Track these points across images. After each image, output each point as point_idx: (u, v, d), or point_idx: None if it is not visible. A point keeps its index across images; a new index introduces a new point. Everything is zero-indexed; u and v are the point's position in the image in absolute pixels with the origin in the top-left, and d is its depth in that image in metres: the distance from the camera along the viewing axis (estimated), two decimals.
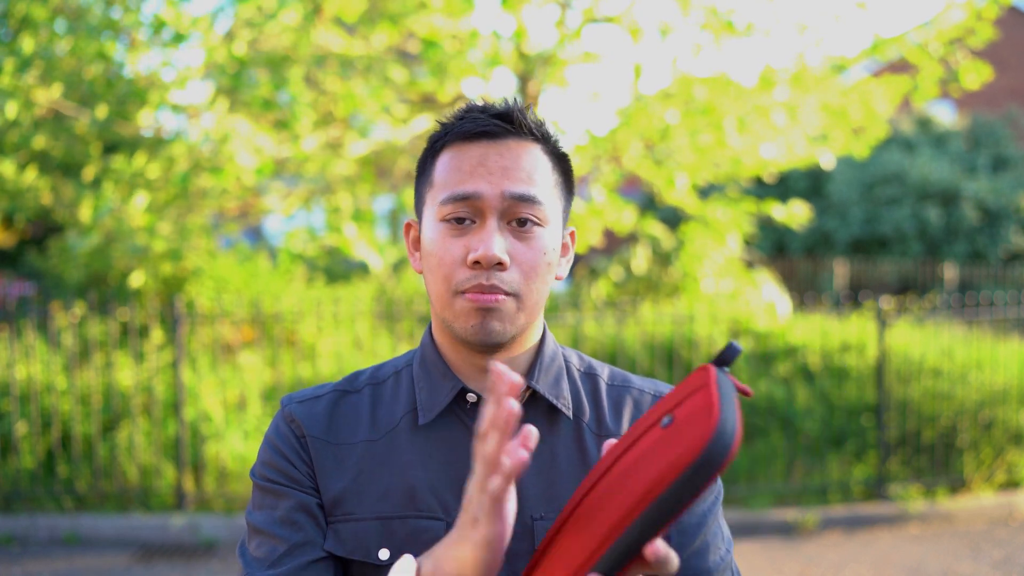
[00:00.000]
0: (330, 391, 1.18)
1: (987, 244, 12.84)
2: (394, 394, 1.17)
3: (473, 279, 1.06)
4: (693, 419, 0.82)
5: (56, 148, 7.12)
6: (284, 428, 1.15)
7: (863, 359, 6.22)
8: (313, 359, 6.31)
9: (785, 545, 5.27)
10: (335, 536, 1.09)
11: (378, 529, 1.08)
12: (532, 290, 1.09)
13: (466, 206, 1.07)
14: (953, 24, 6.77)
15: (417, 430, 1.12)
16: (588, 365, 1.22)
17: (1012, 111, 15.19)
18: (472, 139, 1.10)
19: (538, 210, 1.08)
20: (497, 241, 1.05)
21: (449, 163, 1.10)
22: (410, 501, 1.09)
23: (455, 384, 1.12)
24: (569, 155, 1.18)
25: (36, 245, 12.27)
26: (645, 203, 13.79)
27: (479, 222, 1.07)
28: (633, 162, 7.13)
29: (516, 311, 1.08)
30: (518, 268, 1.07)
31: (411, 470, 1.10)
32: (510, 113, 1.11)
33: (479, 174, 1.07)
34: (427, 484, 1.09)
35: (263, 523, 1.10)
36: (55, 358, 5.80)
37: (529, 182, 1.08)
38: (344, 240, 6.13)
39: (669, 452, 0.81)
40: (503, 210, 1.07)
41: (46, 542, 5.31)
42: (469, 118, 1.11)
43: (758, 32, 6.98)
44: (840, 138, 7.46)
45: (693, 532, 1.11)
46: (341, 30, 6.45)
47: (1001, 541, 5.29)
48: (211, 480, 5.58)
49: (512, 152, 1.09)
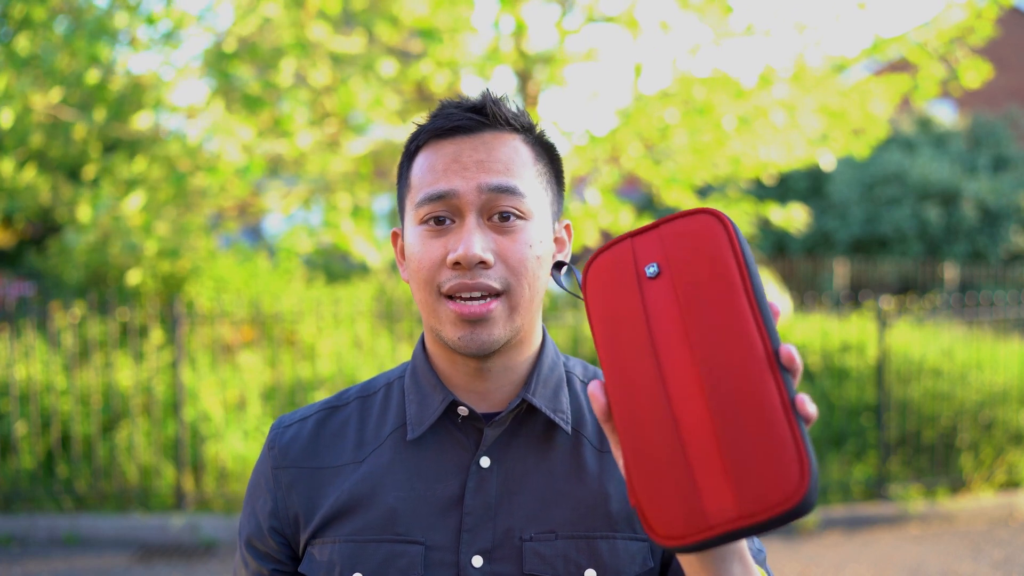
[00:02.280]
0: (318, 411, 1.15)
1: (987, 244, 12.84)
2: (383, 408, 1.12)
3: (455, 279, 1.01)
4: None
5: (54, 149, 7.12)
6: (264, 467, 1.14)
7: (863, 359, 6.22)
8: (313, 359, 6.30)
9: (785, 545, 5.27)
10: (309, 560, 1.07)
11: (352, 552, 1.04)
12: (522, 287, 1.02)
13: (442, 205, 1.02)
14: (953, 23, 6.77)
15: (406, 446, 1.08)
16: (593, 375, 1.15)
17: (1012, 111, 15.19)
18: (445, 136, 1.04)
19: (519, 202, 1.02)
20: (477, 239, 1.00)
21: (424, 163, 1.05)
22: (389, 524, 1.04)
23: (445, 396, 1.07)
24: (556, 145, 1.12)
25: (36, 245, 12.27)
26: (644, 203, 13.79)
27: (458, 221, 1.02)
28: (632, 162, 7.13)
29: (508, 313, 1.03)
30: (504, 264, 1.02)
31: (395, 491, 1.06)
32: (483, 105, 1.05)
33: (453, 171, 1.02)
34: (410, 505, 1.05)
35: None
36: (55, 358, 5.80)
37: (507, 173, 1.02)
38: (342, 236, 6.12)
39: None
40: (481, 205, 1.02)
41: (46, 542, 5.31)
42: (442, 114, 1.06)
43: (758, 32, 6.97)
44: (840, 138, 7.46)
45: None
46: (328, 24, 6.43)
47: (1001, 541, 5.29)
48: (211, 480, 5.57)
49: (487, 145, 1.04)
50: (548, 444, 1.07)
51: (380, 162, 7.67)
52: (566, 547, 1.02)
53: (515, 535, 1.03)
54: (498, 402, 1.08)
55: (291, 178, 8.30)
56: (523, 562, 1.02)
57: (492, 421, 1.06)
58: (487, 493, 1.04)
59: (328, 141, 7.04)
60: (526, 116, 1.08)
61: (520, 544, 1.02)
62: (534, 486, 1.05)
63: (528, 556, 1.02)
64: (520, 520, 1.04)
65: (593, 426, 1.10)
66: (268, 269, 8.09)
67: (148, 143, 7.20)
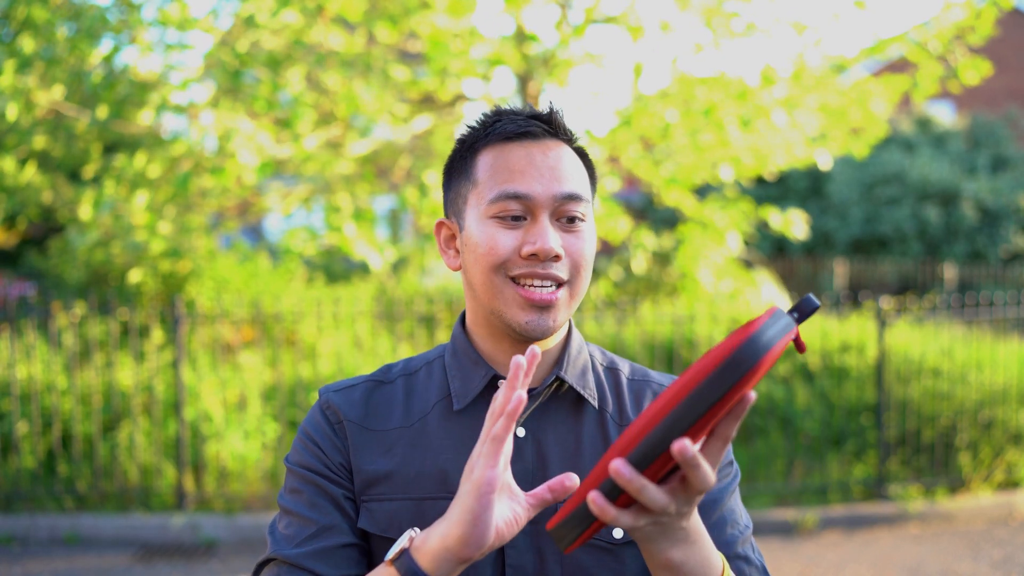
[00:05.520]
0: (364, 381, 1.23)
1: (987, 244, 12.85)
2: (426, 384, 1.22)
3: (527, 267, 1.12)
4: (735, 334, 0.86)
5: (56, 149, 7.12)
6: (319, 417, 1.19)
7: (863, 359, 6.22)
8: (313, 359, 6.31)
9: (785, 545, 5.27)
10: (368, 515, 1.14)
11: (411, 509, 1.13)
12: (582, 280, 1.16)
13: (518, 203, 1.13)
14: (953, 23, 6.78)
15: (450, 416, 1.18)
16: (610, 360, 1.27)
17: (1012, 111, 15.20)
18: (514, 139, 1.16)
19: (583, 207, 1.16)
20: (552, 236, 1.12)
21: (493, 162, 1.15)
22: (443, 484, 1.13)
23: (488, 372, 1.18)
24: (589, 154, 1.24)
25: (36, 245, 12.28)
26: (644, 203, 13.80)
27: (530, 219, 1.13)
28: (632, 162, 7.13)
29: (568, 302, 1.15)
30: (570, 260, 1.14)
31: (444, 454, 1.15)
32: (549, 115, 1.17)
33: (530, 174, 1.13)
34: (459, 468, 1.12)
35: (293, 505, 1.15)
36: (55, 358, 5.80)
37: (573, 181, 1.15)
38: (344, 239, 6.14)
39: (705, 358, 0.85)
40: (554, 208, 1.14)
41: (46, 542, 5.31)
42: (507, 119, 1.17)
43: (758, 32, 6.98)
44: (839, 138, 7.47)
45: (709, 508, 1.16)
46: (342, 28, 6.45)
47: (1000, 541, 5.30)
48: (211, 480, 5.58)
49: (554, 153, 1.16)
50: (577, 418, 1.19)
51: (381, 162, 7.69)
52: None
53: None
54: (534, 379, 1.19)
55: (291, 178, 8.31)
56: None
57: (528, 396, 1.14)
58: (525, 460, 1.15)
59: (333, 143, 7.05)
60: (572, 129, 1.22)
61: (556, 507, 1.11)
62: (565, 455, 1.16)
63: None
64: None
65: (614, 404, 1.22)
66: (268, 269, 8.10)
67: (150, 142, 7.21)
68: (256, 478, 5.57)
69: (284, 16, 5.48)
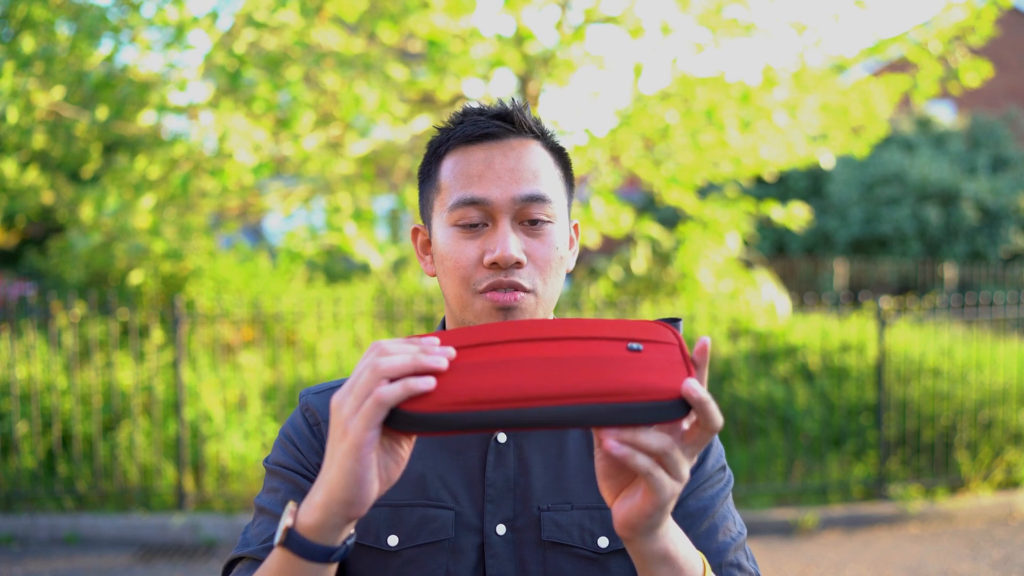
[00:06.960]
0: (341, 384, 1.20)
1: (987, 244, 12.84)
2: None
3: (491, 277, 1.09)
4: (671, 366, 0.86)
5: (56, 149, 7.12)
6: (299, 419, 1.17)
7: (863, 359, 6.22)
8: (313, 359, 6.31)
9: (785, 545, 5.28)
10: None
11: (388, 515, 1.10)
12: (549, 285, 1.12)
13: (477, 210, 1.10)
14: (953, 23, 6.78)
15: None
16: None
17: (1012, 111, 15.19)
18: (475, 142, 1.12)
19: (547, 208, 1.11)
20: (512, 241, 1.09)
21: (454, 167, 1.12)
22: (420, 490, 1.11)
23: None
24: (567, 150, 1.20)
25: (36, 245, 12.28)
26: (645, 203, 13.80)
27: (491, 224, 1.11)
28: (632, 161, 7.14)
29: (535, 307, 1.11)
30: (534, 265, 1.11)
31: (421, 459, 1.12)
32: (510, 113, 1.13)
33: (488, 178, 1.10)
34: (436, 473, 1.11)
35: (268, 504, 1.12)
36: (55, 358, 5.80)
37: (536, 182, 1.11)
38: (344, 239, 6.14)
39: (639, 376, 0.85)
40: (515, 212, 1.10)
41: (46, 542, 5.31)
42: (469, 121, 1.13)
43: (758, 32, 6.98)
44: (840, 138, 7.47)
45: (699, 516, 1.12)
46: (341, 28, 6.45)
47: (1000, 541, 5.30)
48: (211, 480, 5.58)
49: (516, 152, 1.12)
50: None
51: (381, 162, 7.69)
52: (581, 517, 1.11)
53: (533, 506, 1.11)
54: None
55: (291, 178, 8.31)
56: (541, 530, 1.10)
57: None
58: (507, 467, 1.12)
59: (332, 143, 7.05)
60: (543, 123, 1.17)
61: (539, 514, 1.10)
62: (549, 461, 1.13)
63: (546, 524, 1.10)
64: (538, 492, 1.12)
65: None
66: (268, 269, 8.10)
67: (150, 143, 7.21)
68: (256, 478, 5.57)
69: (283, 16, 5.48)
